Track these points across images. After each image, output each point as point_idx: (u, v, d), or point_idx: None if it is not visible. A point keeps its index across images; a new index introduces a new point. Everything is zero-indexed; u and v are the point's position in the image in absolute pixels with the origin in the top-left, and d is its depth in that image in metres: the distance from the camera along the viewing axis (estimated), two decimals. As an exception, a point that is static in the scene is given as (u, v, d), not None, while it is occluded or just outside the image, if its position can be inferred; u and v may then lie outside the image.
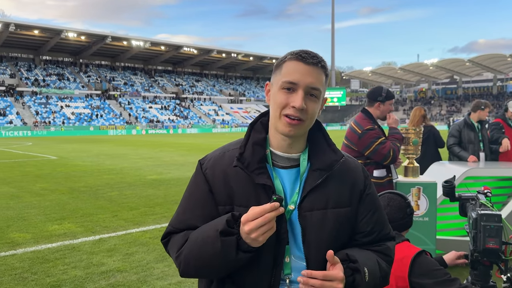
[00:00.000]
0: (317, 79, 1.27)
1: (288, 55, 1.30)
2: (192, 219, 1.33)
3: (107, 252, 5.13)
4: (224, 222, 1.20)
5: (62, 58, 73.31)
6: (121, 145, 28.80)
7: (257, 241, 1.16)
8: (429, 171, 5.20)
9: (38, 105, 58.52)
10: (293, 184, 1.32)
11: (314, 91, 1.27)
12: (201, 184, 1.35)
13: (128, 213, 7.30)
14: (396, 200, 2.35)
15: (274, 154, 1.34)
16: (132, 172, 13.21)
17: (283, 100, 1.27)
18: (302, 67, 1.26)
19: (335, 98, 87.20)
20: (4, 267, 4.62)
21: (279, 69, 1.31)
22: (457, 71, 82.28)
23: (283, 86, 1.27)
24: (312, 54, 1.28)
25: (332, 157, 1.35)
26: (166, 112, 68.67)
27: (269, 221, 1.15)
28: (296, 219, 1.28)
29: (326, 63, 1.31)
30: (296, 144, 1.34)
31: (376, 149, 3.65)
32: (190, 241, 1.28)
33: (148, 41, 70.39)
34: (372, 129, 3.74)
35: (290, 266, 1.27)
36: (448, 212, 4.35)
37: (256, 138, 1.34)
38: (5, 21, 60.12)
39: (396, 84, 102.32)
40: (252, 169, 1.29)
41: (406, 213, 2.32)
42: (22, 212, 7.41)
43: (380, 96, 3.87)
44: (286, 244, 1.26)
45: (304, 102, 1.25)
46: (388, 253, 1.39)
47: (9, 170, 13.83)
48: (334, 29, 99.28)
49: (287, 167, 1.34)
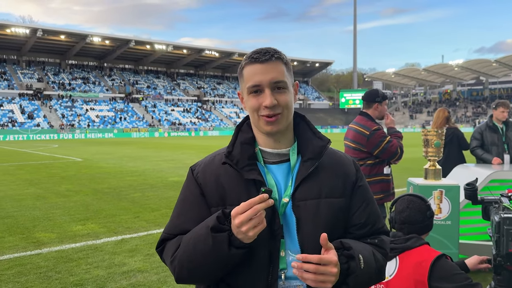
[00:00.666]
0: (277, 71, 1.29)
1: (244, 60, 1.33)
2: (185, 223, 1.33)
3: (129, 252, 5.21)
4: (215, 218, 1.21)
5: (87, 62, 74.98)
6: (144, 147, 29.21)
7: (248, 235, 1.15)
8: (453, 174, 5.10)
9: (64, 108, 59.96)
10: (285, 178, 1.33)
11: (279, 84, 1.29)
12: (192, 188, 1.37)
13: (149, 214, 7.40)
14: (416, 202, 2.31)
15: (264, 151, 1.36)
16: (154, 174, 13.38)
17: (254, 104, 1.30)
18: (258, 67, 1.28)
19: (357, 100, 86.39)
20: (29, 265, 4.75)
21: (241, 76, 1.35)
22: (483, 72, 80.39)
23: (250, 91, 1.31)
24: (264, 51, 1.30)
25: (319, 143, 1.36)
26: (188, 114, 69.35)
27: (258, 212, 1.14)
28: (291, 211, 1.28)
29: (280, 53, 1.32)
30: (282, 139, 1.35)
31: (386, 148, 3.76)
32: (183, 243, 1.28)
33: (170, 45, 71.31)
34: (379, 129, 3.85)
35: (286, 261, 1.26)
36: (472, 216, 4.25)
37: (243, 138, 1.37)
38: (33, 27, 61.97)
39: (420, 86, 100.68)
40: (241, 165, 1.31)
41: (426, 216, 2.28)
42: (47, 212, 7.60)
43: (378, 97, 3.99)
44: (281, 239, 1.26)
45: (273, 97, 1.27)
46: (383, 246, 1.38)
47: (36, 172, 14.20)
48: (356, 31, 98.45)
49: (278, 162, 1.35)
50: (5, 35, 60.21)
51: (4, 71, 63.81)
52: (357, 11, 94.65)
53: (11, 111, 54.75)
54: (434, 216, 3.63)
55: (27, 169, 15.06)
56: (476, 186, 2.53)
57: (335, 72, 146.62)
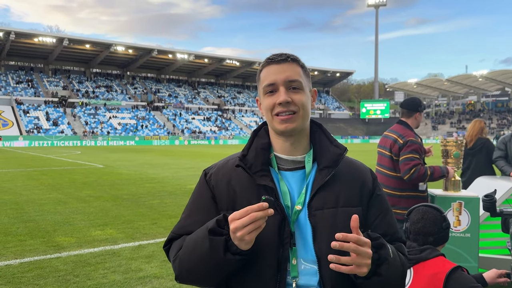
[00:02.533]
0: (292, 71, 1.31)
1: (261, 64, 1.36)
2: (192, 225, 1.34)
3: (146, 258, 5.26)
4: (215, 221, 1.21)
5: (110, 71, 76.61)
6: (164, 155, 29.52)
7: (243, 241, 1.14)
8: (474, 185, 4.99)
9: (88, 115, 61.24)
10: (299, 185, 1.32)
11: (293, 83, 1.30)
12: (204, 191, 1.38)
13: (167, 221, 7.46)
14: (431, 213, 2.27)
15: (279, 157, 1.36)
16: (173, 181, 13.50)
17: (269, 102, 1.31)
18: (274, 67, 1.31)
19: (378, 111, 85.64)
20: (49, 268, 4.84)
21: (259, 80, 1.37)
22: (508, 83, 78.63)
23: (266, 91, 1.32)
24: (280, 53, 1.33)
25: (336, 151, 1.35)
26: (208, 123, 69.90)
27: (254, 220, 1.12)
28: (306, 219, 1.27)
29: (296, 57, 1.34)
30: (298, 144, 1.35)
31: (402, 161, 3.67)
32: (185, 243, 1.29)
33: (192, 54, 72.24)
34: (415, 143, 3.71)
35: (297, 269, 1.24)
36: (493, 229, 4.15)
37: (259, 143, 1.37)
38: (60, 36, 63.78)
39: (443, 97, 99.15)
40: (255, 170, 1.31)
41: (442, 227, 2.23)
42: (68, 217, 7.74)
43: (420, 107, 3.92)
44: (290, 248, 1.24)
45: (288, 95, 1.28)
46: (403, 252, 1.37)
47: (58, 177, 14.50)
48: (377, 41, 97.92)
49: (293, 169, 1.35)
50: (33, 44, 62.12)
51: (31, 79, 65.69)
52: (381, 21, 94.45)
53: (36, 118, 56.22)
54: (453, 228, 3.57)
55: (50, 175, 15.40)
56: (494, 198, 2.48)
57: (356, 82, 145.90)
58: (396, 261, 1.26)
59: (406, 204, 3.66)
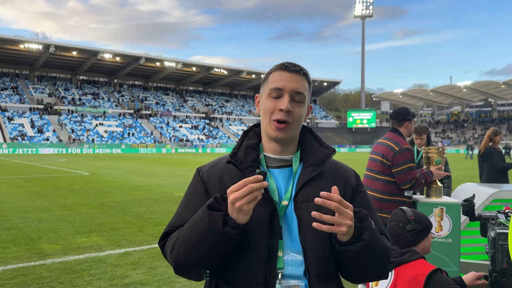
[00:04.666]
0: (301, 84, 1.38)
1: (274, 67, 1.43)
2: (188, 217, 1.38)
3: (131, 265, 5.23)
4: (213, 198, 1.28)
5: (97, 78, 76.04)
6: (151, 163, 29.35)
7: (242, 211, 1.20)
8: (457, 192, 5.10)
9: (74, 123, 60.60)
10: (286, 182, 1.40)
11: (298, 95, 1.38)
12: (197, 185, 1.45)
13: (153, 228, 7.43)
14: (398, 215, 2.35)
15: (268, 157, 1.44)
16: (160, 189, 13.44)
17: (271, 106, 1.38)
18: (286, 75, 1.38)
19: (364, 120, 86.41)
20: (33, 276, 4.79)
21: (266, 81, 1.43)
22: (491, 94, 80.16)
23: (271, 94, 1.38)
24: (294, 64, 1.41)
25: (325, 151, 1.44)
26: (196, 131, 69.71)
27: (252, 190, 1.18)
28: (292, 211, 1.34)
29: (307, 72, 1.42)
30: (287, 148, 1.43)
31: (403, 171, 3.75)
32: (182, 229, 1.34)
33: (180, 62, 72.19)
34: (409, 150, 3.84)
35: (283, 260, 1.30)
36: (474, 235, 4.24)
37: (249, 143, 1.45)
38: (46, 43, 63.19)
39: (428, 107, 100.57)
40: (245, 166, 1.38)
41: (405, 229, 2.29)
42: (52, 224, 7.66)
43: (409, 116, 4.06)
44: (279, 239, 1.31)
45: (290, 105, 1.35)
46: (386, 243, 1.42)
47: (43, 185, 14.33)
48: (364, 51, 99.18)
49: (280, 166, 1.42)
50: (19, 50, 61.41)
51: (16, 86, 64.86)
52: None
53: (21, 125, 55.43)
54: (435, 233, 3.65)
55: (34, 182, 15.20)
56: (473, 202, 2.56)
57: (343, 91, 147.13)
58: (379, 237, 1.33)
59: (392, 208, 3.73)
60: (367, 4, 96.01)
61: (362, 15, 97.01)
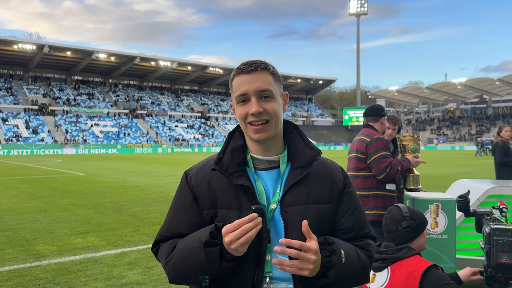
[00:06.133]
0: (263, 81, 1.35)
1: (233, 72, 1.40)
2: (178, 227, 1.40)
3: (128, 265, 5.22)
4: (208, 233, 1.27)
5: (92, 78, 75.73)
6: (147, 163, 29.29)
7: (238, 251, 1.23)
8: (452, 188, 5.11)
9: (69, 123, 60.36)
10: (274, 184, 1.39)
11: (265, 92, 1.35)
12: (185, 192, 1.43)
13: (150, 228, 7.41)
14: (393, 212, 2.36)
15: (255, 158, 1.42)
16: (156, 189, 13.41)
17: (242, 112, 1.36)
18: (244, 77, 1.35)
19: (360, 118, 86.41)
20: (29, 277, 4.77)
21: (231, 88, 1.41)
22: (486, 91, 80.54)
23: (238, 100, 1.37)
24: (250, 62, 1.37)
25: (311, 153, 1.42)
26: (192, 130, 69.62)
27: (246, 231, 1.20)
28: (279, 215, 1.34)
29: (267, 64, 1.38)
30: (271, 147, 1.41)
31: (376, 160, 3.72)
32: (177, 250, 1.34)
33: (175, 62, 72.03)
34: (381, 139, 3.82)
35: (271, 264, 1.31)
36: (469, 231, 4.25)
37: (234, 145, 1.43)
38: (40, 43, 62.89)
39: (423, 104, 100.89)
40: (230, 172, 1.36)
41: (401, 226, 2.30)
42: (48, 225, 7.63)
43: (383, 111, 4.06)
44: (268, 243, 1.31)
45: (259, 105, 1.33)
46: (368, 249, 1.43)
47: (38, 186, 14.26)
48: (359, 49, 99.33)
49: (268, 168, 1.41)
50: (13, 51, 61.06)
51: (10, 87, 64.51)
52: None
53: (16, 126, 55.16)
54: (431, 230, 3.65)
55: (30, 183, 15.13)
56: (468, 199, 2.57)
57: (338, 89, 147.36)
58: (352, 266, 1.32)
59: (374, 203, 3.73)
60: (361, 2, 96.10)
61: (357, 13, 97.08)
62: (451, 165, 25.21)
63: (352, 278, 1.35)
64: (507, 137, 6.19)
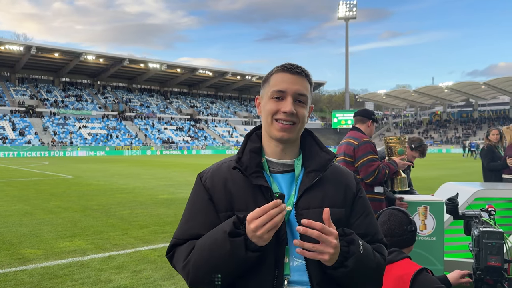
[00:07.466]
0: (303, 86, 1.38)
1: (275, 68, 1.41)
2: (195, 228, 1.38)
3: (116, 269, 5.16)
4: (231, 224, 1.25)
5: (80, 80, 75.07)
6: (135, 165, 29.07)
7: (262, 238, 1.21)
8: (440, 191, 5.15)
9: (56, 125, 59.70)
10: (289, 187, 1.39)
11: (301, 97, 1.37)
12: (201, 194, 1.42)
13: (138, 231, 7.34)
14: (397, 215, 2.35)
15: (270, 161, 1.42)
16: (144, 191, 13.31)
17: (273, 107, 1.37)
18: (288, 77, 1.37)
19: (349, 121, 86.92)
20: (14, 282, 4.68)
21: (267, 82, 1.42)
22: (472, 94, 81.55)
23: (273, 96, 1.37)
24: (296, 65, 1.40)
25: (326, 157, 1.44)
26: (181, 133, 69.32)
27: (272, 217, 1.19)
28: (294, 218, 1.34)
29: (309, 73, 1.41)
30: (289, 150, 1.42)
31: (364, 164, 3.72)
32: (197, 247, 1.32)
33: (164, 64, 71.71)
34: (369, 142, 3.82)
35: (289, 267, 1.31)
36: (458, 234, 4.28)
37: (252, 147, 1.43)
38: (27, 44, 62.09)
39: (411, 107, 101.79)
40: (250, 172, 1.37)
41: (407, 230, 2.30)
42: (34, 229, 7.51)
43: (373, 115, 4.07)
44: (286, 245, 1.31)
45: (293, 107, 1.35)
46: (382, 252, 1.43)
47: (24, 188, 14.06)
48: (348, 52, 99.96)
49: (283, 171, 1.41)
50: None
51: (-3, 88, 63.65)
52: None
53: (2, 128, 54.38)
54: (419, 232, 3.67)
55: (15, 186, 14.91)
56: (457, 201, 2.58)
57: (327, 92, 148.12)
58: (369, 259, 1.32)
59: None
60: (350, 6, 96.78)
61: (346, 16, 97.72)
62: (438, 168, 25.45)
63: (368, 274, 1.34)
64: (494, 140, 6.18)
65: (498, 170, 6.09)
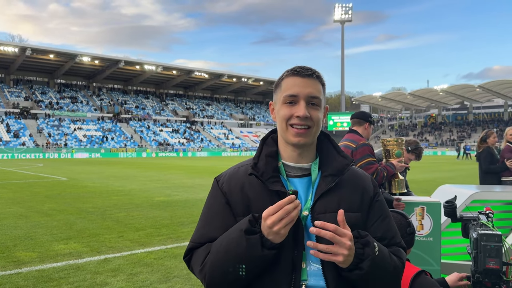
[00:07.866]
0: (315, 88, 1.37)
1: (285, 72, 1.40)
2: (212, 231, 1.37)
3: (111, 272, 5.12)
4: (247, 222, 1.26)
5: (76, 82, 74.78)
6: (131, 167, 28.97)
7: (279, 234, 1.21)
8: (437, 192, 5.16)
9: (51, 127, 59.40)
10: (306, 191, 1.38)
11: (314, 99, 1.36)
12: (218, 197, 1.42)
13: (134, 234, 7.31)
14: (396, 218, 2.34)
15: (286, 165, 1.42)
16: (140, 193, 13.26)
17: (286, 112, 1.36)
18: (299, 80, 1.36)
19: (345, 123, 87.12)
20: (8, 285, 4.64)
21: (279, 87, 1.41)
22: (467, 97, 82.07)
23: (285, 101, 1.37)
24: (306, 67, 1.38)
25: (343, 161, 1.43)
26: (177, 135, 69.20)
27: (288, 213, 1.19)
28: (310, 223, 1.33)
29: (320, 74, 1.40)
30: (305, 154, 1.41)
31: (363, 166, 3.69)
32: (214, 248, 1.31)
33: (160, 66, 71.60)
34: (367, 145, 3.81)
35: (306, 272, 1.30)
36: (455, 236, 4.29)
37: (268, 151, 1.43)
38: (22, 46, 61.80)
39: (406, 110, 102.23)
40: (266, 177, 1.36)
41: (406, 232, 2.30)
42: (29, 231, 7.45)
43: (370, 117, 4.08)
44: (303, 250, 1.30)
45: (307, 111, 1.34)
46: (400, 255, 1.41)
47: (19, 191, 13.97)
48: (343, 55, 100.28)
49: (299, 176, 1.40)
50: (-7, 53, 59.97)
51: (-9, 89, 63.29)
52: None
53: (-4, 130, 54.07)
54: (417, 232, 3.67)
55: (10, 188, 14.80)
56: (455, 204, 2.58)
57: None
58: (385, 262, 1.31)
59: None
60: (346, 9, 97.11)
61: (341, 19, 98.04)
62: (433, 170, 25.54)
63: (384, 277, 1.32)
64: (493, 143, 6.25)
65: (498, 172, 6.12)
